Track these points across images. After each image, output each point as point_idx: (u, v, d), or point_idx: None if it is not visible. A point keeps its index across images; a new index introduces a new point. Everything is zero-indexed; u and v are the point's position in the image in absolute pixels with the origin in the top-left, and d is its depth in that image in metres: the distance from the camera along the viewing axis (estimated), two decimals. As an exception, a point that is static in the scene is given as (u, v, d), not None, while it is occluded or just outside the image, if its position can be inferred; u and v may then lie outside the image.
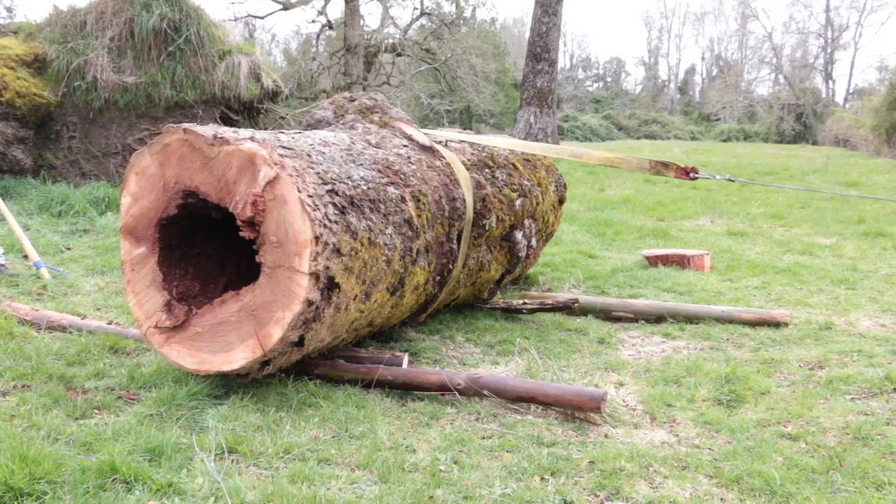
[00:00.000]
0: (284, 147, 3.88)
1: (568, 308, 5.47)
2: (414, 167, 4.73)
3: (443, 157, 5.16)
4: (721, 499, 3.07)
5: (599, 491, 3.10)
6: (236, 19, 25.53)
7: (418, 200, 4.55)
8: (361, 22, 26.35)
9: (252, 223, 3.71)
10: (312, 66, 27.72)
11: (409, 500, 2.95)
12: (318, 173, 3.86)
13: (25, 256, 6.81)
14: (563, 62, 58.99)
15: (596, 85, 65.17)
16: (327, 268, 3.68)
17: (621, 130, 45.50)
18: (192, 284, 4.20)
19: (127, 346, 4.71)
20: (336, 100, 5.28)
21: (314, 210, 3.66)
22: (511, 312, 5.68)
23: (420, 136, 5.18)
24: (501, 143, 5.65)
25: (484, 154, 5.71)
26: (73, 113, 11.06)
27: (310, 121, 5.20)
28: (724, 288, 6.82)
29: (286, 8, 25.24)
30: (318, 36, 29.61)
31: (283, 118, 12.76)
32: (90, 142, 11.15)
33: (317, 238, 3.62)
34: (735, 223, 10.86)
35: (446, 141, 5.59)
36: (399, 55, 28.01)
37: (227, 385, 4.01)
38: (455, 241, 4.99)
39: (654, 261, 7.70)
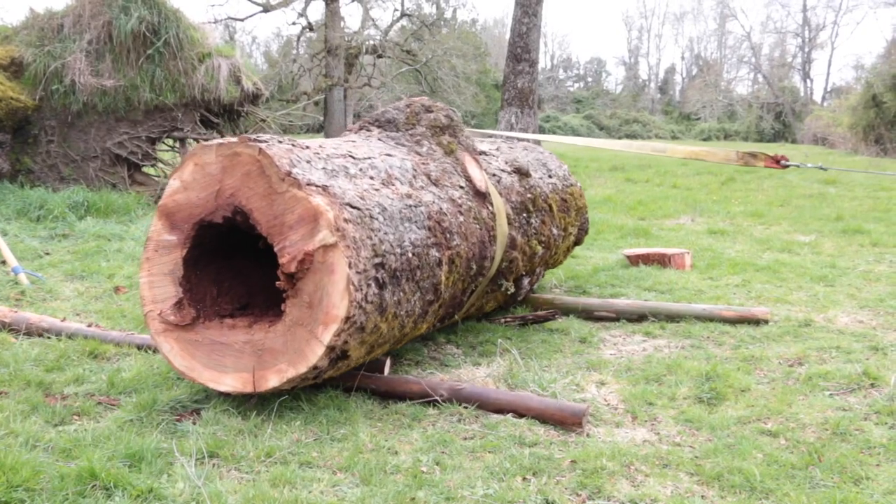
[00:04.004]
0: (352, 207, 3.73)
1: (548, 321, 5.48)
2: (461, 219, 4.59)
3: (491, 205, 5.01)
4: (702, 496, 3.09)
5: (581, 490, 3.11)
6: (216, 21, 25.40)
7: (452, 262, 4.44)
8: (342, 23, 26.29)
9: (291, 276, 3.62)
10: (293, 68, 27.64)
11: (391, 502, 2.95)
12: (373, 245, 3.74)
13: (3, 262, 6.74)
14: (543, 62, 59.20)
15: (577, 85, 65.35)
16: (346, 342, 3.64)
17: (602, 130, 45.68)
18: (209, 289, 4.12)
19: (107, 352, 4.68)
20: (413, 105, 5.09)
21: (357, 290, 3.57)
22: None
23: (479, 175, 5.01)
24: (581, 141, 5.58)
25: (528, 196, 5.59)
26: (52, 117, 10.99)
27: (380, 118, 5.01)
28: (705, 286, 6.86)
29: (266, 10, 25.16)
30: (298, 38, 29.51)
31: (263, 121, 12.72)
32: (69, 146, 11.06)
33: (348, 318, 3.55)
34: (715, 221, 10.93)
35: (501, 175, 5.43)
36: (380, 56, 27.97)
37: (207, 389, 3.99)
38: (468, 295, 4.92)
39: (634, 260, 7.73)
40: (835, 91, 52.90)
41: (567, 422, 3.74)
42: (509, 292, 5.44)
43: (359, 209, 3.77)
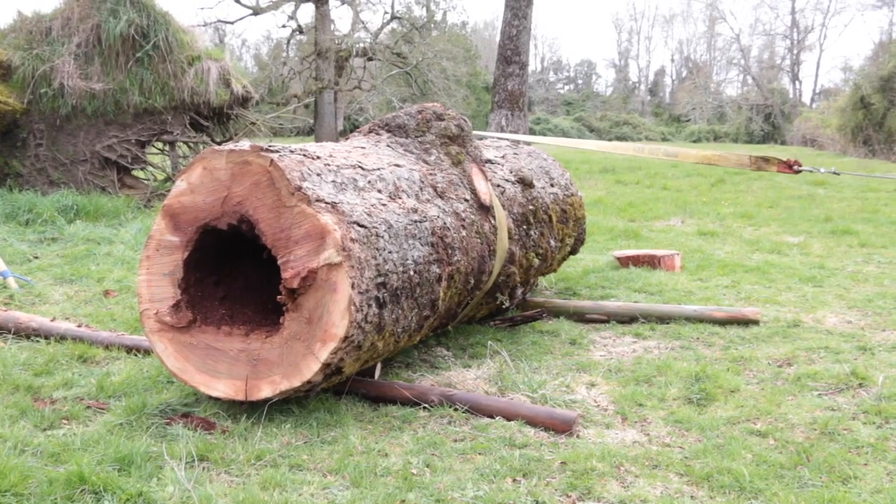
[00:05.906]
0: (359, 225, 3.70)
1: (535, 320, 5.49)
2: (464, 234, 4.56)
3: (493, 218, 4.97)
4: (691, 496, 3.10)
5: (571, 491, 3.11)
6: (206, 24, 25.37)
7: (451, 278, 4.40)
8: (332, 26, 26.29)
9: (293, 290, 3.59)
10: (283, 71, 27.63)
11: (381, 505, 2.95)
12: (377, 265, 3.71)
13: (-8, 266, 6.70)
14: (534, 65, 59.32)
15: (567, 87, 65.55)
16: (342, 359, 3.63)
17: (593, 132, 45.80)
18: (211, 291, 4.09)
19: (96, 356, 4.66)
20: (425, 112, 5.04)
21: (357, 311, 3.54)
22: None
23: (484, 188, 4.96)
24: (592, 145, 5.49)
25: (530, 208, 5.55)
26: (40, 120, 10.94)
27: (390, 122, 4.97)
28: (695, 287, 6.88)
29: (256, 13, 25.14)
30: (288, 41, 29.49)
31: (253, 124, 12.70)
32: (58, 149, 11.02)
33: (346, 337, 3.54)
34: (705, 223, 10.97)
35: (505, 186, 5.37)
36: (370, 59, 27.98)
37: (197, 393, 3.98)
38: (463, 307, 4.91)
39: (625, 261, 7.75)
40: (823, 93, 53.25)
41: (557, 428, 3.74)
42: (504, 306, 5.45)
43: (365, 227, 3.74)
